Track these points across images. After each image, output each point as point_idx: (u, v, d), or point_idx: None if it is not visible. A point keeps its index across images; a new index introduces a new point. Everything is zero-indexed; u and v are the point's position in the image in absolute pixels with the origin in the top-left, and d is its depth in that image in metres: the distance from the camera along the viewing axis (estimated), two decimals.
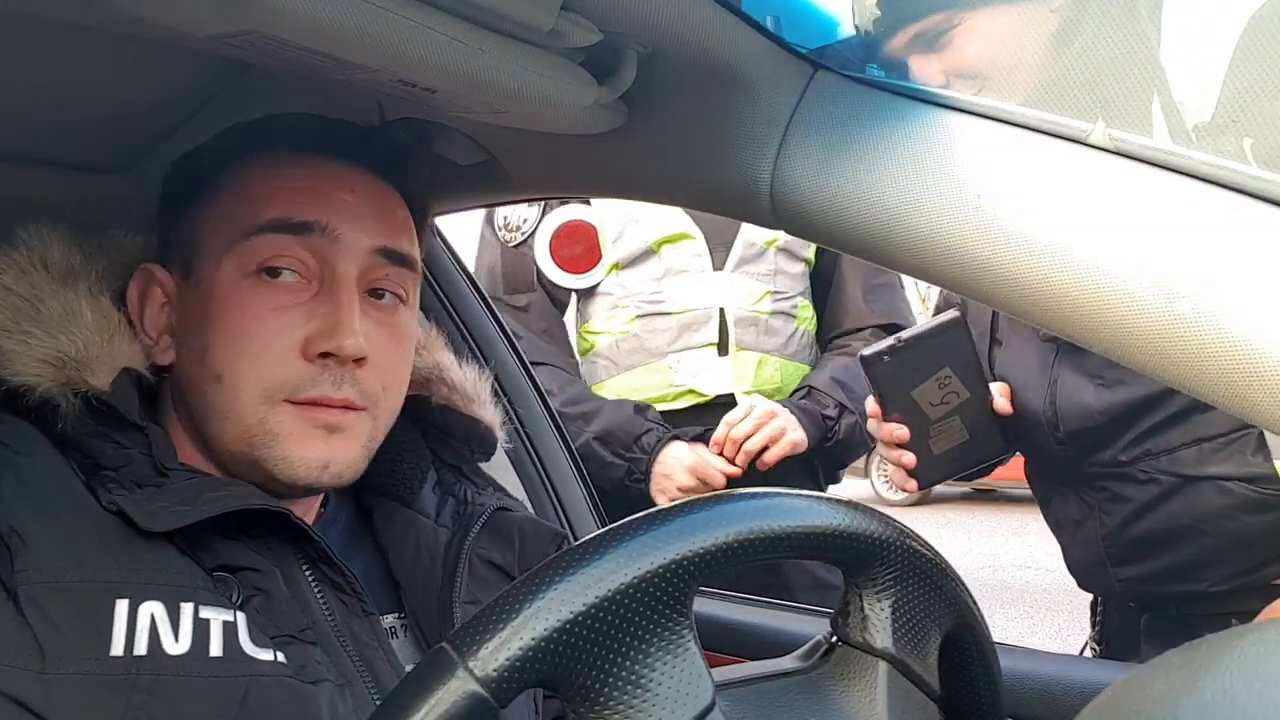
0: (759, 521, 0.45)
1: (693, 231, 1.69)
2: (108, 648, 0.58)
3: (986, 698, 0.56)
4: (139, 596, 0.60)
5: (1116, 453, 1.25)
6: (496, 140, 0.80)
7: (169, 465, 0.66)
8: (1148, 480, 1.23)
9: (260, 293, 0.68)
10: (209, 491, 0.65)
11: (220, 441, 0.69)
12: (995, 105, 0.57)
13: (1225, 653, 0.34)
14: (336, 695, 0.64)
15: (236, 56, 0.55)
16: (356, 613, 0.69)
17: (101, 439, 0.66)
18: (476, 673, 0.39)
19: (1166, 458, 1.22)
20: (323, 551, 0.68)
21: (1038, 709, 0.92)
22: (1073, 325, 0.53)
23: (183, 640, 0.60)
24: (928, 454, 1.24)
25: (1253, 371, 0.47)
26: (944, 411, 1.23)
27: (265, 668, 0.62)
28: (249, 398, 0.67)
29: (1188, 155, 0.51)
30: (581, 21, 0.58)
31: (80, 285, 0.69)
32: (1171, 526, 1.22)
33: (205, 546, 0.64)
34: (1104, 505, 1.29)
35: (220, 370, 0.68)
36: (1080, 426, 1.26)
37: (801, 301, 1.73)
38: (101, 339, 0.68)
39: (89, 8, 0.50)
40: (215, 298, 0.69)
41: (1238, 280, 0.48)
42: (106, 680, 0.57)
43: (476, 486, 0.87)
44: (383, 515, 0.79)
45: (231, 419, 0.68)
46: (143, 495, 0.63)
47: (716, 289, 1.68)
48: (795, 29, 0.63)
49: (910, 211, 0.57)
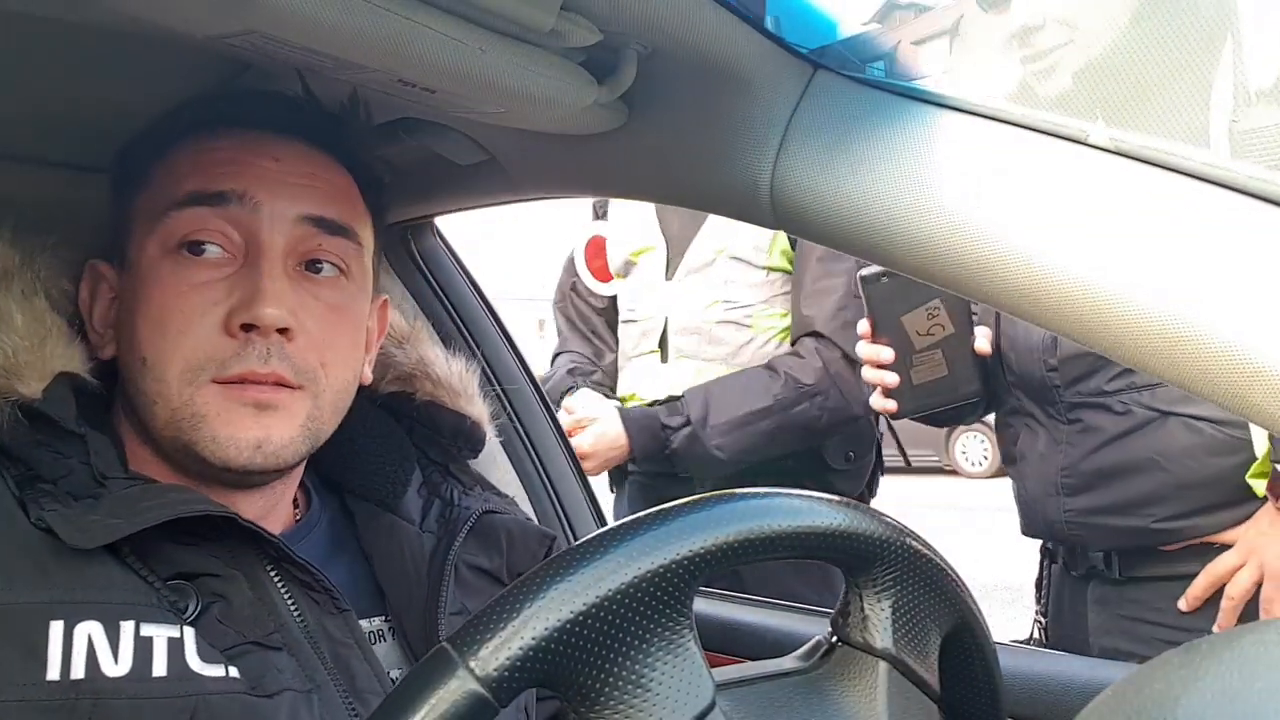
0: (759, 521, 0.45)
1: (655, 243, 1.79)
2: (44, 672, 0.56)
3: (986, 698, 0.56)
4: (74, 617, 0.57)
5: (1102, 382, 1.30)
6: (496, 140, 0.80)
7: (108, 474, 0.64)
8: (1124, 412, 1.29)
9: (181, 270, 0.66)
10: (147, 500, 0.62)
11: (153, 429, 0.67)
12: (995, 105, 0.57)
13: (1225, 652, 0.34)
14: (301, 703, 0.62)
15: (236, 56, 0.55)
16: (329, 610, 0.67)
17: (41, 448, 0.63)
18: (477, 672, 0.39)
19: (1148, 391, 1.27)
20: (282, 550, 0.66)
21: (1038, 709, 0.92)
22: (1073, 325, 0.53)
23: (123, 661, 0.57)
24: (908, 383, 1.31)
25: (1252, 371, 0.47)
26: (928, 342, 1.30)
27: (214, 684, 0.59)
28: (174, 379, 0.65)
29: (1188, 155, 0.51)
30: (581, 21, 0.58)
31: (13, 288, 0.67)
32: (1134, 459, 1.28)
33: (158, 555, 0.62)
34: (1073, 437, 1.33)
35: (145, 353, 0.65)
36: (1075, 351, 1.30)
37: (764, 310, 1.73)
38: (32, 343, 0.65)
39: (89, 7, 0.50)
40: (139, 280, 0.67)
41: (1238, 280, 0.48)
42: (44, 706, 0.55)
43: (464, 486, 0.85)
44: (365, 520, 0.78)
45: (160, 402, 0.65)
46: (77, 509, 0.61)
47: (665, 297, 1.76)
48: (795, 29, 0.62)
49: (910, 211, 0.57)
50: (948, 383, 1.32)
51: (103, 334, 0.71)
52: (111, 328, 0.71)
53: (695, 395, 1.67)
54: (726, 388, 1.68)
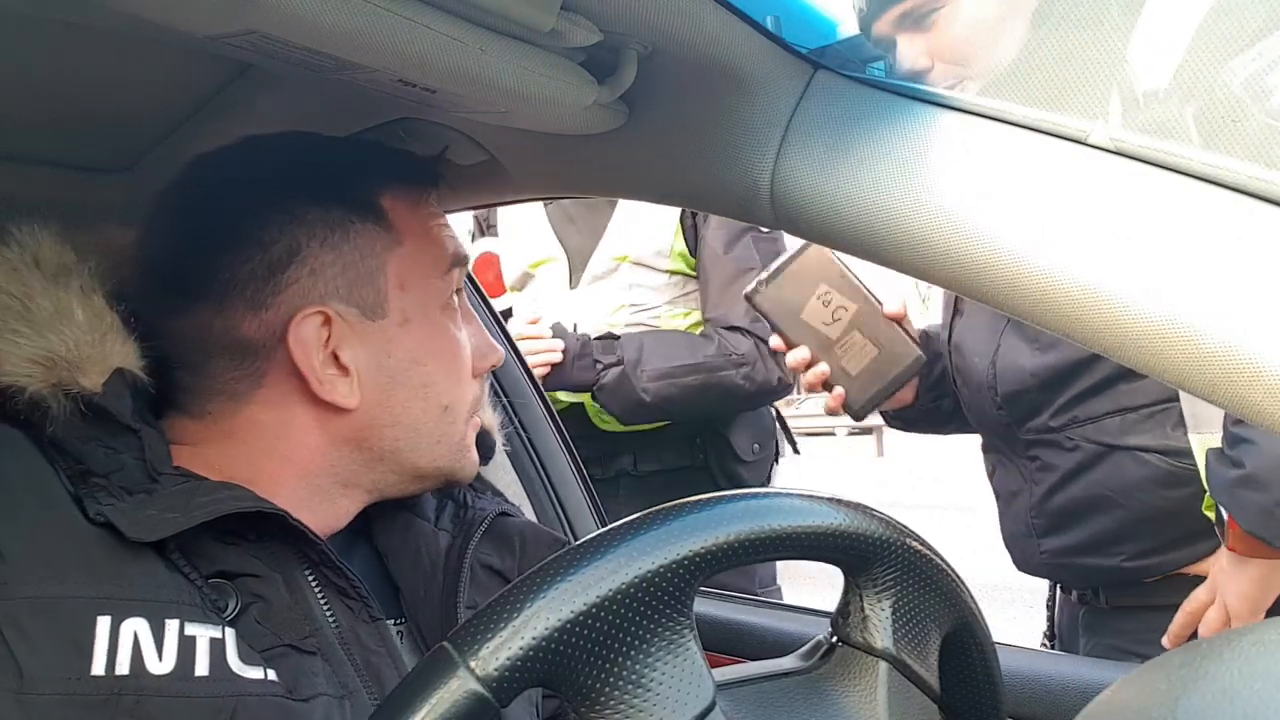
0: (759, 521, 0.45)
1: (556, 254, 1.89)
2: (89, 667, 0.56)
3: (986, 698, 0.56)
4: (122, 613, 0.58)
5: (1047, 419, 1.28)
6: (496, 140, 0.80)
7: (161, 469, 0.65)
8: (1073, 448, 1.26)
9: (453, 325, 0.75)
10: (201, 496, 0.63)
11: (416, 463, 0.73)
12: (995, 105, 0.57)
13: (1225, 652, 0.34)
14: (334, 709, 0.63)
15: (236, 56, 0.55)
16: (363, 618, 0.68)
17: (92, 443, 0.64)
18: (477, 672, 0.39)
19: (1093, 425, 1.25)
20: (325, 555, 0.67)
21: (1038, 709, 0.92)
22: (1073, 326, 0.53)
23: (167, 659, 0.58)
24: (846, 377, 1.31)
25: (1253, 371, 0.47)
26: (840, 329, 1.30)
27: (253, 687, 0.60)
28: (463, 420, 0.76)
29: (1188, 155, 0.51)
30: (581, 21, 0.58)
31: (72, 283, 0.68)
32: (1090, 496, 1.26)
33: (201, 552, 0.63)
34: (1034, 475, 1.32)
35: (446, 401, 0.74)
36: (1015, 389, 1.29)
37: (669, 310, 1.85)
38: (94, 338, 0.66)
39: (89, 7, 0.50)
40: (428, 334, 0.73)
41: (1238, 280, 0.48)
42: (87, 700, 0.55)
43: (475, 491, 0.86)
44: (381, 517, 0.78)
45: (445, 441, 0.74)
46: (132, 503, 0.62)
47: (572, 306, 1.86)
48: (795, 29, 0.63)
49: (910, 211, 0.57)
50: (884, 360, 1.30)
51: (333, 375, 0.69)
52: (339, 371, 0.70)
53: (631, 340, 1.79)
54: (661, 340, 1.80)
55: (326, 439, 0.71)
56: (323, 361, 0.69)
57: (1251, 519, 1.03)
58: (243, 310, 0.68)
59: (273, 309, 0.68)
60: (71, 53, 0.71)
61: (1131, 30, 0.52)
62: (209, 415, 0.70)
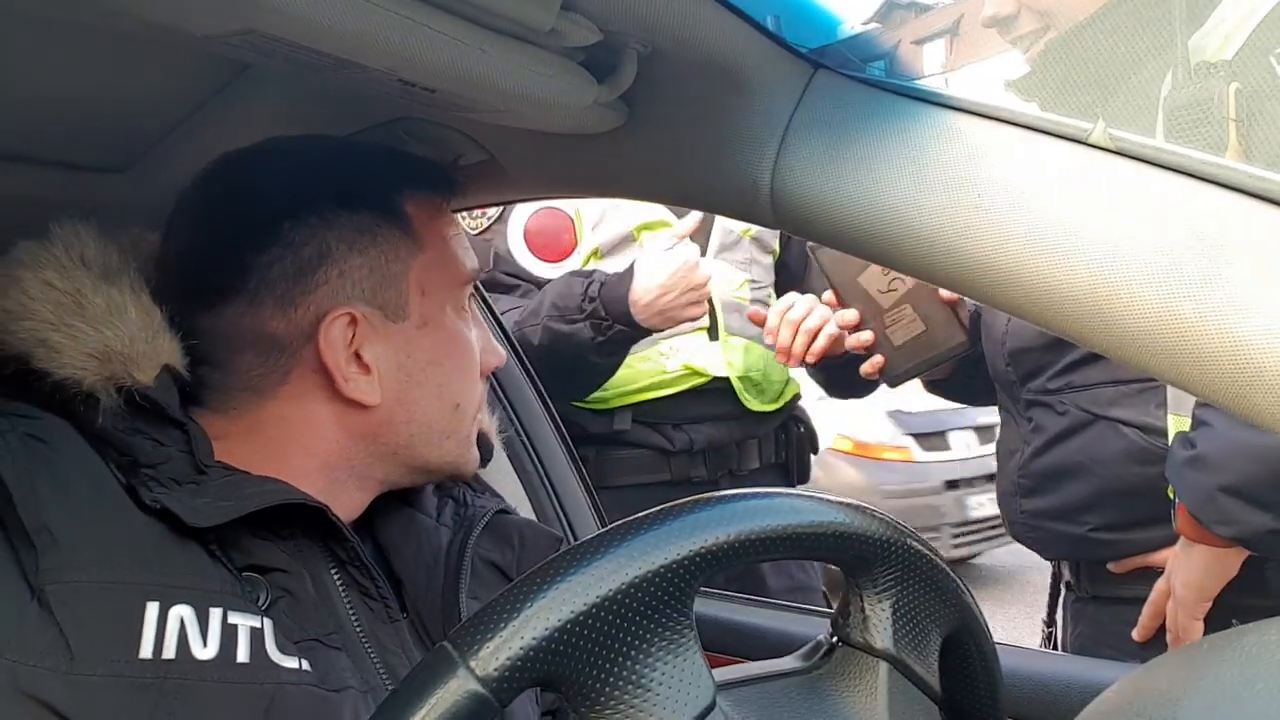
0: (760, 521, 0.45)
1: (670, 219, 1.69)
2: (137, 650, 0.58)
3: (986, 698, 0.56)
4: (169, 599, 0.60)
5: (1046, 380, 1.29)
6: (496, 140, 0.80)
7: (207, 462, 0.66)
8: (1064, 413, 1.28)
9: (466, 329, 0.78)
10: (249, 488, 0.65)
11: (426, 458, 0.75)
12: (995, 105, 0.57)
13: (1226, 652, 0.34)
14: (360, 702, 0.64)
15: (235, 56, 0.55)
16: (383, 618, 0.70)
17: (139, 436, 0.65)
18: (477, 672, 0.39)
19: (1086, 393, 1.26)
20: (354, 554, 0.69)
21: (1038, 709, 0.92)
22: (1074, 325, 0.53)
23: (211, 645, 0.60)
24: (890, 346, 1.34)
25: (1254, 372, 0.47)
26: (894, 299, 1.32)
27: (290, 675, 0.62)
28: (471, 418, 0.78)
29: (1188, 155, 0.51)
30: (581, 21, 0.58)
31: (124, 282, 0.69)
32: (1070, 462, 1.27)
33: (238, 545, 0.64)
34: (1028, 436, 1.33)
35: (458, 400, 0.76)
36: (1021, 345, 1.31)
37: (771, 293, 1.76)
38: (147, 335, 0.68)
39: (89, 7, 0.50)
40: (445, 337, 0.76)
41: (1238, 280, 0.48)
42: (134, 683, 0.57)
43: (474, 490, 0.88)
44: (383, 511, 0.79)
45: (454, 438, 0.76)
46: (184, 492, 0.63)
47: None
48: (795, 29, 0.62)
49: (910, 211, 0.57)
50: (929, 337, 1.33)
51: (356, 373, 0.71)
52: (375, 370, 0.72)
53: None
54: None
55: (345, 434, 0.72)
56: (347, 360, 0.71)
57: (1195, 501, 1.03)
58: (272, 308, 0.69)
59: (302, 308, 0.70)
60: (71, 53, 0.71)
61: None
62: (233, 411, 0.71)
